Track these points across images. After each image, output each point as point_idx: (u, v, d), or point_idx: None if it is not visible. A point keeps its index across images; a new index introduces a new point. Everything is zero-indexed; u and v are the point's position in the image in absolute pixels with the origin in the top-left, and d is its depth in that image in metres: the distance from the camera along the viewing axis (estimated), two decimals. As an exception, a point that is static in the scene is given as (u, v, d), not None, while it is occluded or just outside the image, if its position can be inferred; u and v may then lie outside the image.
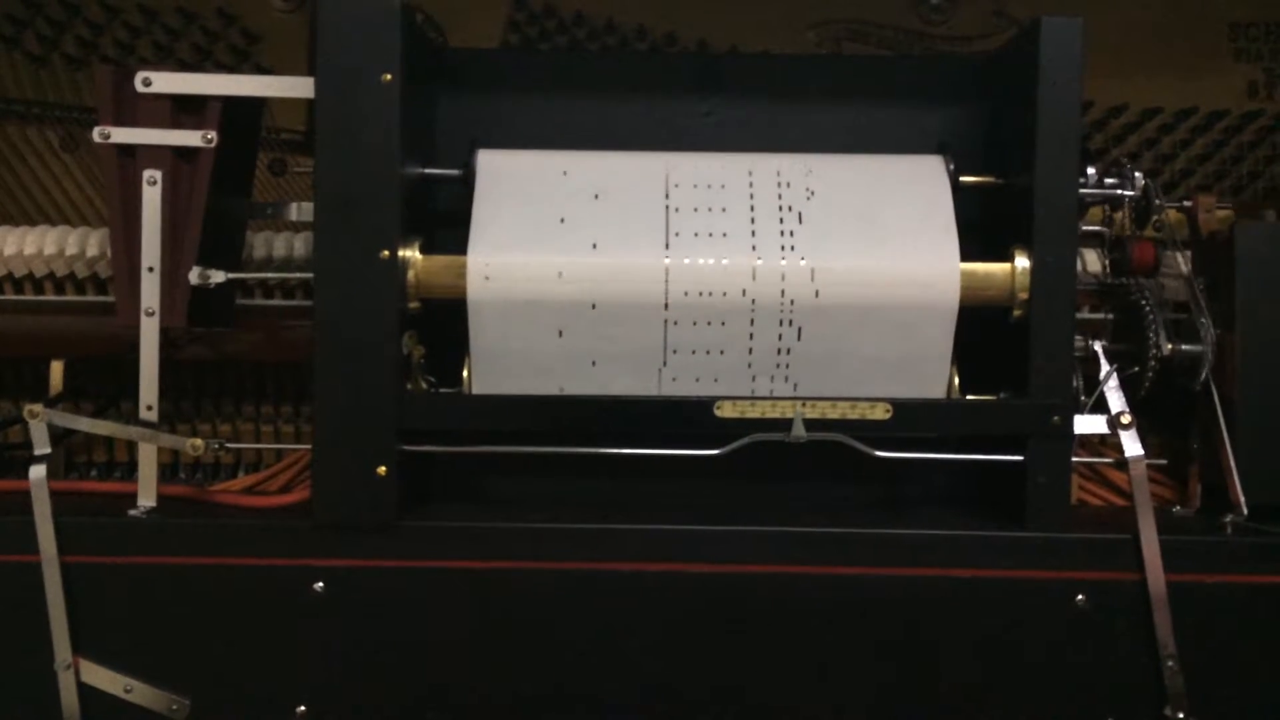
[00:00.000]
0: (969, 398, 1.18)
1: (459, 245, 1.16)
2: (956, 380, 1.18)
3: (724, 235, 1.16)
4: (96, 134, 1.15)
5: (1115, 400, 1.16)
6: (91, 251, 1.33)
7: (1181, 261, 1.25)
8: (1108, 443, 1.24)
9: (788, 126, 1.29)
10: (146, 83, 1.14)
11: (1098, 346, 1.18)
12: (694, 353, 1.16)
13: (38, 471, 1.12)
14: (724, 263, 1.15)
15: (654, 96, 1.30)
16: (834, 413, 1.14)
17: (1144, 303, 1.20)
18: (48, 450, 1.14)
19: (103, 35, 1.46)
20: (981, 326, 1.17)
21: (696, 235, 1.16)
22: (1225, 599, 1.13)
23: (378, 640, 1.13)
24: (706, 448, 1.15)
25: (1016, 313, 1.15)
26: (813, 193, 1.19)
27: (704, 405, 1.14)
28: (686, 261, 1.15)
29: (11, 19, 1.46)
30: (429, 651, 1.13)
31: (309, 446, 1.18)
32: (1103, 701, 1.13)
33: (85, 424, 1.20)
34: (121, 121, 1.15)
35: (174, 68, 1.35)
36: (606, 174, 1.20)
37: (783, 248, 1.15)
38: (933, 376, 1.17)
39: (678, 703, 1.14)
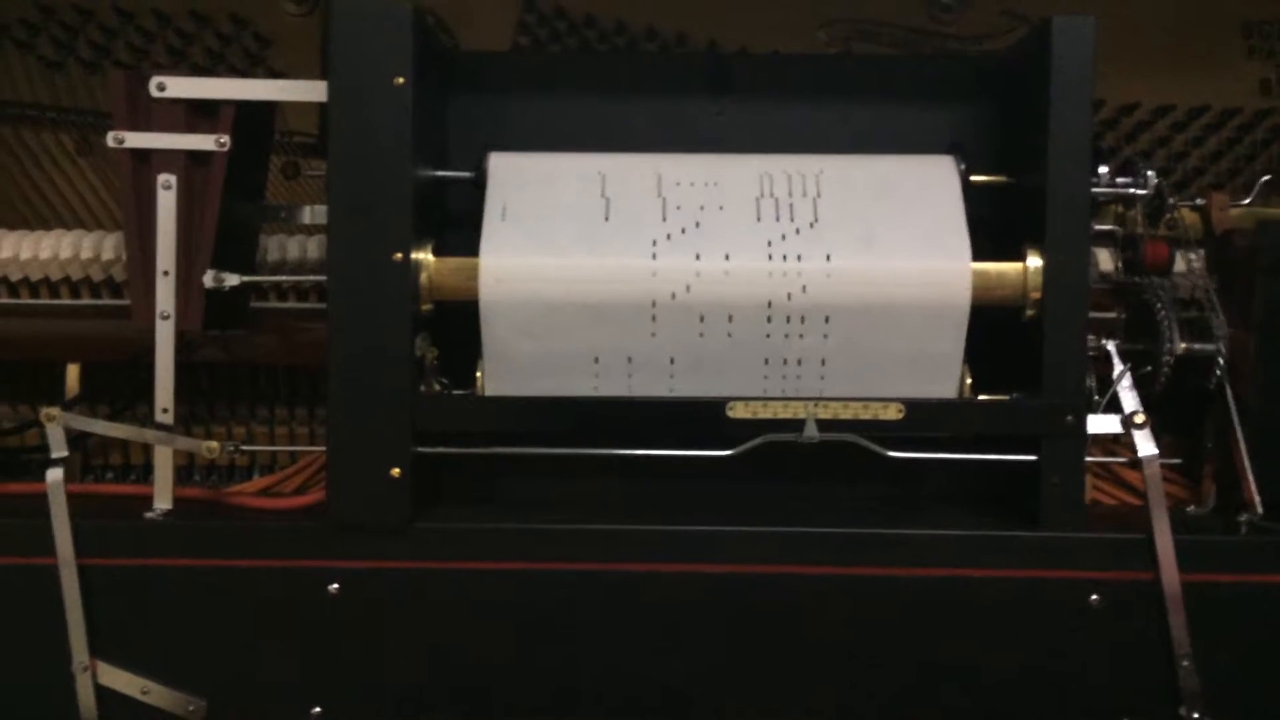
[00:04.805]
0: (981, 398, 1.18)
1: (471, 247, 1.16)
2: (969, 380, 1.17)
3: (735, 235, 1.16)
4: (111, 139, 1.16)
5: (1129, 399, 1.16)
6: (106, 255, 1.34)
7: (1195, 260, 1.25)
8: (1121, 442, 1.24)
9: (798, 126, 1.29)
10: (161, 88, 1.15)
11: (1111, 346, 1.18)
12: (706, 354, 1.16)
13: (55, 474, 1.13)
14: (735, 263, 1.15)
15: (664, 97, 1.30)
16: (846, 413, 1.14)
17: (1157, 301, 1.20)
18: (65, 453, 1.15)
19: (116, 40, 1.47)
20: (994, 326, 1.17)
21: (708, 236, 1.16)
22: (1240, 598, 1.12)
23: (393, 641, 1.13)
24: (719, 449, 1.15)
25: (1029, 312, 1.15)
26: (823, 193, 1.19)
27: (716, 406, 1.15)
28: (698, 262, 1.15)
29: (26, 24, 1.47)
30: (443, 652, 1.13)
31: (323, 448, 1.18)
32: (1118, 702, 1.13)
33: (101, 427, 1.21)
34: (136, 126, 1.16)
35: (187, 72, 1.36)
36: (617, 175, 1.21)
37: (794, 248, 1.15)
38: (945, 376, 1.17)
39: (691, 703, 1.14)
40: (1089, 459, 1.18)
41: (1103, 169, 1.20)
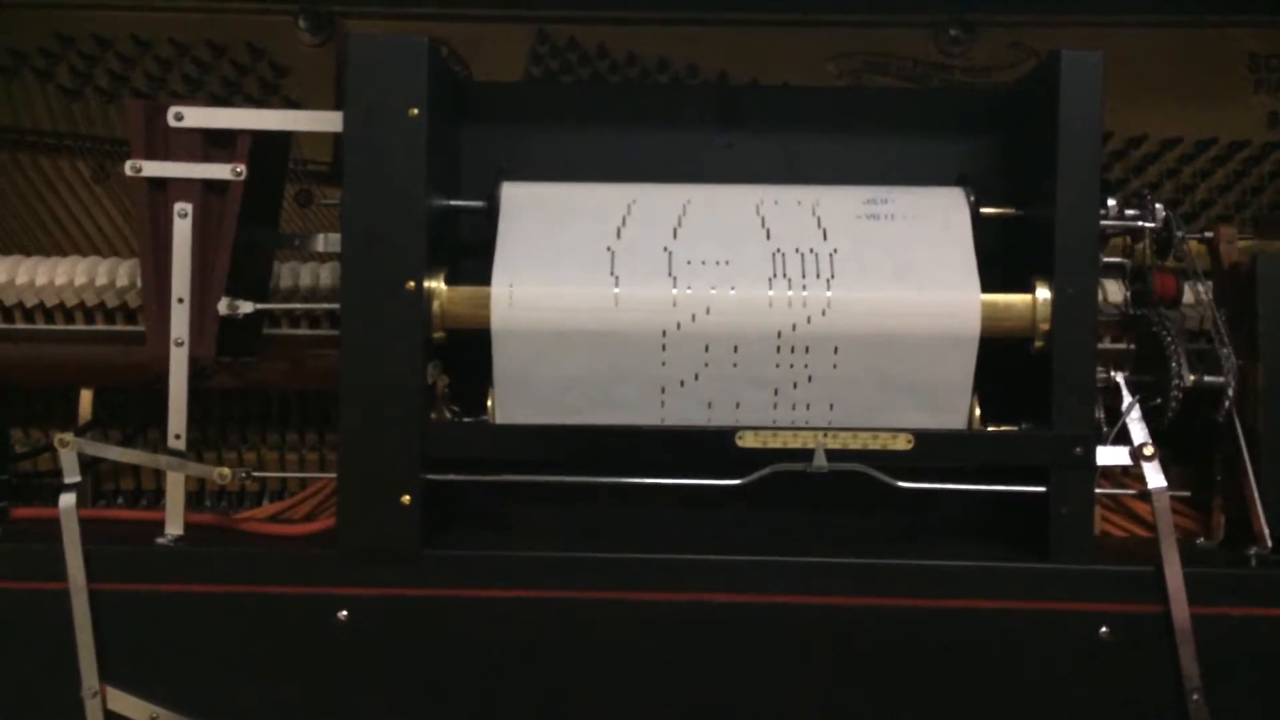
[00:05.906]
0: (990, 429, 1.18)
1: (483, 275, 1.17)
2: (978, 411, 1.18)
3: (745, 266, 1.17)
4: (128, 167, 1.17)
5: (1137, 431, 1.16)
6: (121, 282, 1.35)
7: (1203, 292, 1.25)
8: (1130, 474, 1.24)
9: (808, 158, 1.30)
10: (179, 117, 1.16)
11: (1119, 377, 1.18)
12: (715, 383, 1.17)
13: (67, 500, 1.14)
14: (745, 293, 1.16)
15: (675, 128, 1.31)
16: (855, 443, 1.14)
17: (1166, 333, 1.20)
18: (78, 478, 1.16)
19: (134, 69, 1.49)
20: (1002, 357, 1.18)
21: (717, 266, 1.17)
22: (1250, 631, 1.12)
23: (402, 669, 1.13)
24: (728, 478, 1.15)
25: (1038, 344, 1.15)
26: (833, 224, 1.20)
27: (726, 435, 1.15)
28: (708, 292, 1.16)
29: (45, 53, 1.49)
30: (452, 680, 1.13)
31: (333, 475, 1.18)
32: (1127, 735, 1.13)
33: (114, 453, 1.21)
34: (153, 155, 1.17)
35: (204, 100, 1.37)
36: (628, 205, 1.21)
37: (804, 278, 1.16)
38: (954, 407, 1.17)
39: (700, 733, 1.14)
40: (1098, 491, 1.18)
41: (1111, 201, 1.20)
